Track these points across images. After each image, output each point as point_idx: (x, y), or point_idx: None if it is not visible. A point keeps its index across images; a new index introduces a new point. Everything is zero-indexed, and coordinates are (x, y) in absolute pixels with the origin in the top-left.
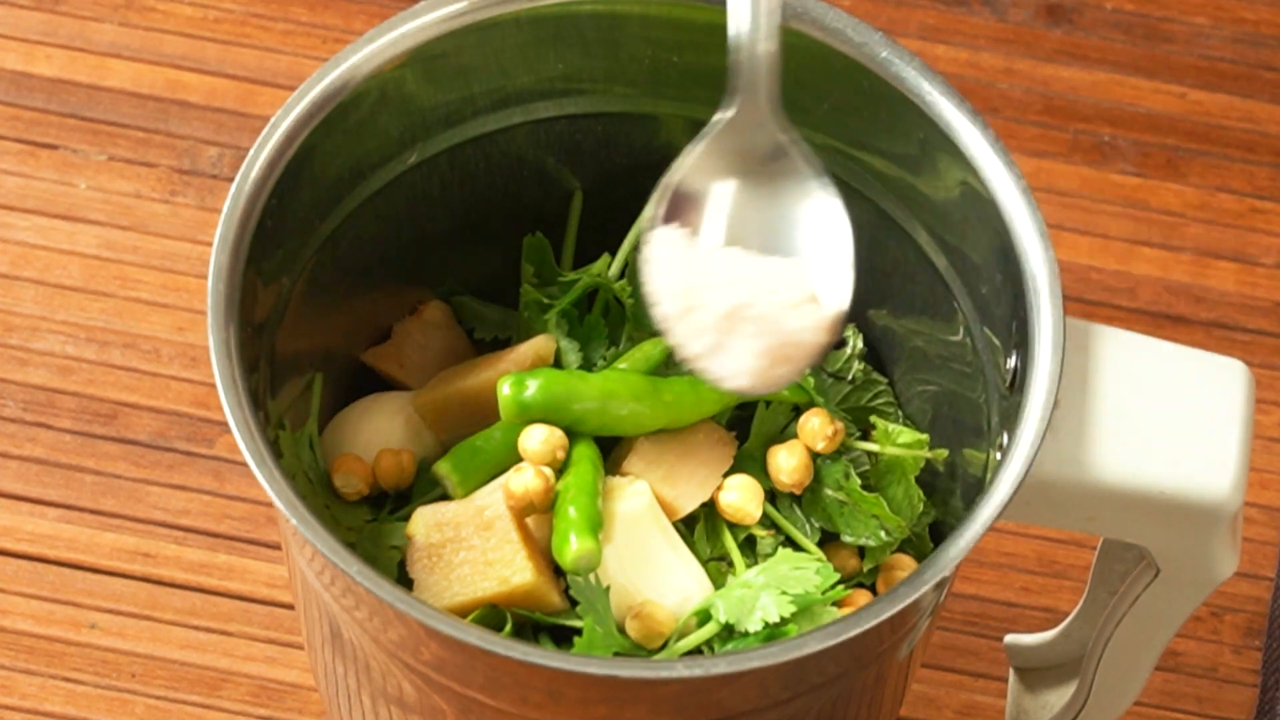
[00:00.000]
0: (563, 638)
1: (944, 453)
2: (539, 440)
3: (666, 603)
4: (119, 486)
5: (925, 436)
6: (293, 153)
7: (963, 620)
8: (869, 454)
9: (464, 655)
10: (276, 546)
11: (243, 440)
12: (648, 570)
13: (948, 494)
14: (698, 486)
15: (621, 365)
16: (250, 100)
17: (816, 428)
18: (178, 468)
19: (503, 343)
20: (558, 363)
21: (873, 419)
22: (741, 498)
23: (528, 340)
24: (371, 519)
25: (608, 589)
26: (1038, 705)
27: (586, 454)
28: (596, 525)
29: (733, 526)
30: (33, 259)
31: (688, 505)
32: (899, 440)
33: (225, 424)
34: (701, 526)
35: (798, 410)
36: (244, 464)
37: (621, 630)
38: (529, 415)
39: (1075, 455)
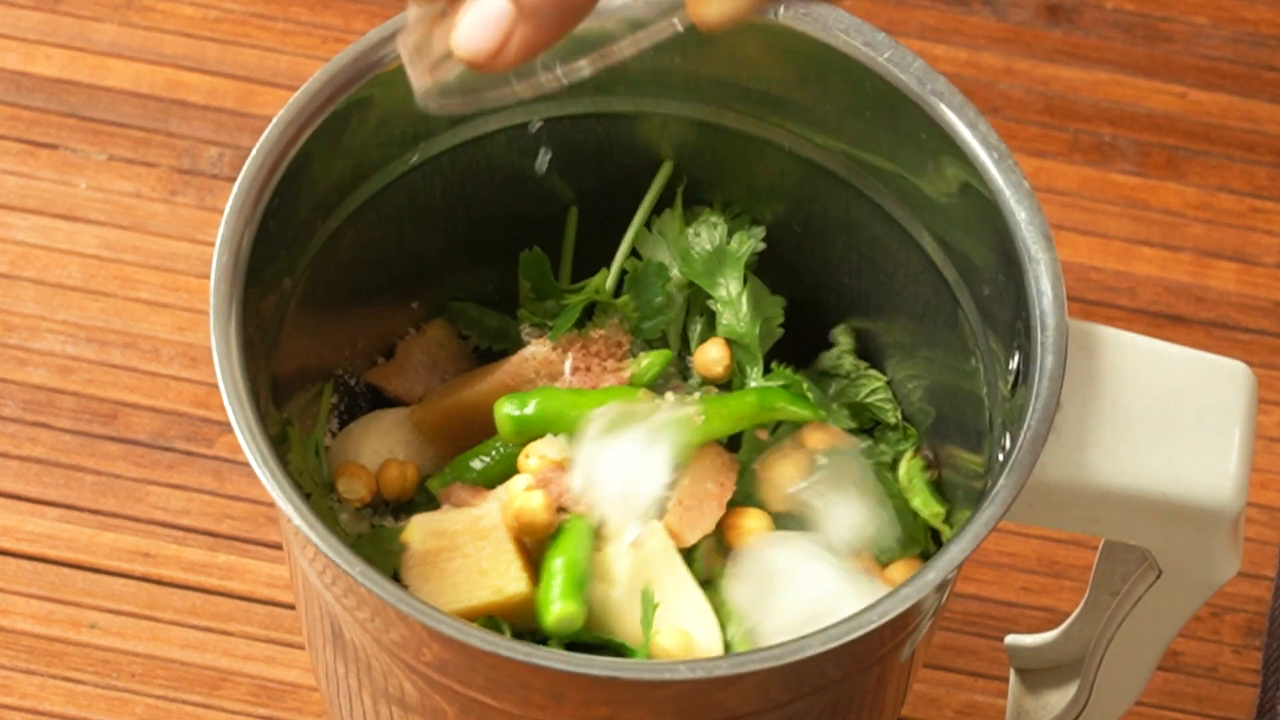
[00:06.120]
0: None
1: (942, 510)
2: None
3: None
4: (119, 486)
5: (942, 509)
6: (294, 153)
7: (963, 620)
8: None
9: (466, 656)
10: (277, 546)
11: (244, 440)
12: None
13: (950, 495)
14: (704, 516)
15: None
16: (250, 100)
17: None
18: (178, 468)
19: (501, 353)
20: None
21: (895, 471)
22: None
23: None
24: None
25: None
26: (1038, 706)
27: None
28: (583, 584)
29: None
30: (33, 259)
31: (693, 536)
32: (914, 502)
33: (225, 424)
34: (705, 548)
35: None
36: (244, 464)
37: None
38: (527, 434)
39: (1077, 457)
